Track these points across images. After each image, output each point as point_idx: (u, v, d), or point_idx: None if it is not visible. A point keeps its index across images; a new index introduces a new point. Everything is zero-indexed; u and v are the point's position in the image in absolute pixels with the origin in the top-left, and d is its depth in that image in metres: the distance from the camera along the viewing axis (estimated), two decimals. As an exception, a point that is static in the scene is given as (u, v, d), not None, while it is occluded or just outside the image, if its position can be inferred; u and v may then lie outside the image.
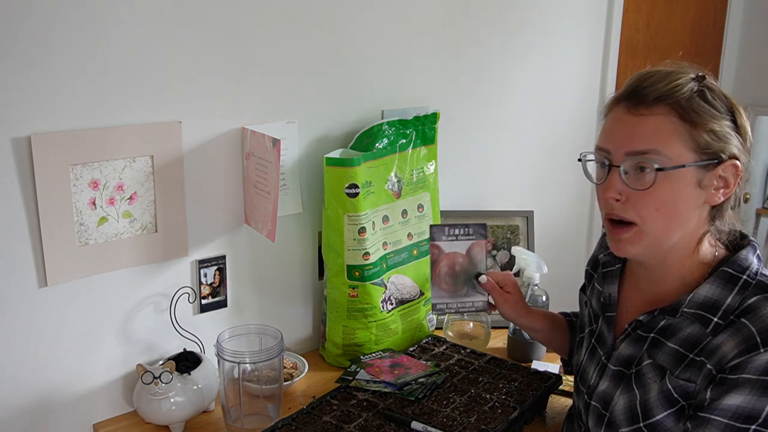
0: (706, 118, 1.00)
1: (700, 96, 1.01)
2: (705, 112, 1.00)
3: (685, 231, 1.05)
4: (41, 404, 1.31)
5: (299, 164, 1.56)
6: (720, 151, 1.01)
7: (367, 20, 1.61)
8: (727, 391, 0.95)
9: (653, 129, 1.01)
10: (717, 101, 1.02)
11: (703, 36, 2.75)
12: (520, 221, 1.90)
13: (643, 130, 1.01)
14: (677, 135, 1.00)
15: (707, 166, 1.01)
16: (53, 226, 1.24)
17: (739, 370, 0.95)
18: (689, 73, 1.04)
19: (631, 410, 1.07)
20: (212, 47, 1.37)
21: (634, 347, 1.10)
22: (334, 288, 1.56)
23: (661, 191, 1.01)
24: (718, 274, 1.04)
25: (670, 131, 1.00)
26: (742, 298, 1.00)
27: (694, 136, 1.00)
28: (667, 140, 1.00)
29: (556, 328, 1.40)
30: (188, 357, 1.41)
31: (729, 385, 0.95)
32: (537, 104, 2.08)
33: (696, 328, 1.03)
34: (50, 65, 1.19)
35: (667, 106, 1.01)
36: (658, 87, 1.02)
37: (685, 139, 1.00)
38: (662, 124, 1.00)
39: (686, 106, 1.00)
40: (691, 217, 1.04)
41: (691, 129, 1.00)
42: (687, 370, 1.01)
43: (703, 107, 1.00)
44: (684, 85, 1.02)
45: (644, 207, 1.03)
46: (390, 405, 1.32)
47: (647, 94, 1.02)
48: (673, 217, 1.03)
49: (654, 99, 1.01)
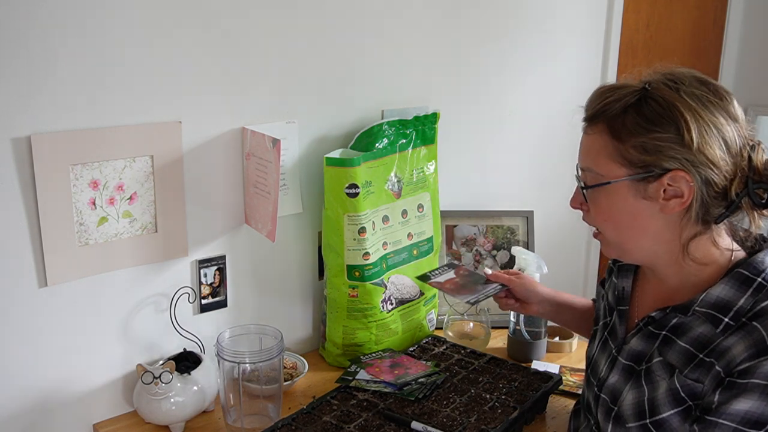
0: (634, 134, 1.01)
1: (634, 110, 1.02)
2: (634, 128, 1.01)
3: (654, 236, 1.06)
4: (41, 404, 1.31)
5: (299, 164, 1.56)
6: (652, 165, 1.01)
7: (367, 20, 1.61)
8: (736, 396, 0.95)
9: (588, 147, 1.09)
10: (655, 113, 1.00)
11: (703, 36, 2.75)
12: (520, 221, 1.90)
13: (584, 148, 1.10)
14: (605, 152, 1.05)
15: (646, 179, 1.02)
16: (53, 226, 1.24)
17: (749, 374, 0.94)
18: (633, 86, 1.04)
19: (639, 406, 1.07)
20: (212, 47, 1.37)
21: (646, 343, 1.11)
22: (334, 288, 1.56)
23: (600, 205, 1.09)
24: (733, 275, 1.03)
25: (600, 148, 1.06)
26: (755, 300, 1.00)
27: (622, 152, 1.03)
28: (597, 158, 1.06)
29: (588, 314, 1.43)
30: (188, 357, 1.41)
31: (738, 389, 0.95)
32: (537, 104, 2.08)
33: (707, 327, 1.02)
34: (50, 65, 1.19)
35: (602, 123, 1.05)
36: (593, 105, 1.07)
37: (613, 155, 1.04)
38: (595, 142, 1.06)
39: (617, 122, 1.03)
40: (650, 225, 1.06)
41: (619, 145, 1.03)
42: (696, 369, 1.01)
43: (634, 122, 1.01)
44: (618, 101, 1.03)
45: (596, 218, 1.11)
46: (390, 405, 1.32)
47: (587, 114, 1.09)
48: (623, 227, 1.08)
49: (590, 117, 1.08)
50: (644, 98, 1.02)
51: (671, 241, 1.06)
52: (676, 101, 1.00)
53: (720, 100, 1.01)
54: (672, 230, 1.06)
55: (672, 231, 1.06)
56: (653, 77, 1.04)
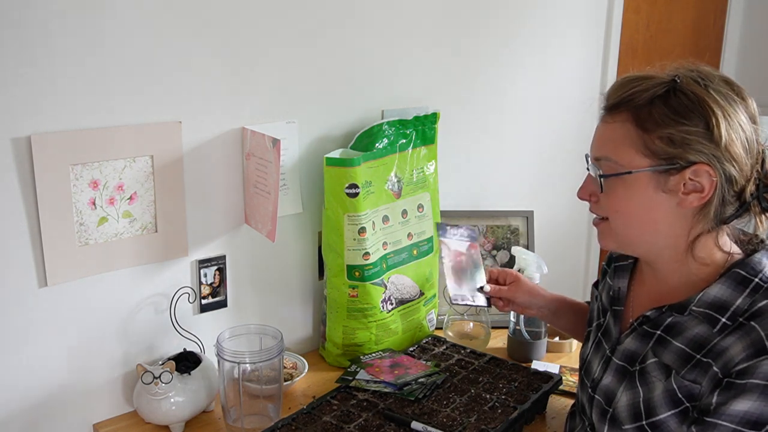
0: (662, 125, 1.00)
1: (662, 101, 1.01)
2: (662, 119, 1.00)
3: (664, 231, 1.06)
4: (41, 404, 1.31)
5: (299, 164, 1.56)
6: (677, 157, 1.00)
7: (367, 20, 1.61)
8: (735, 397, 0.95)
9: (607, 136, 1.07)
10: (684, 106, 1.00)
11: (703, 36, 2.75)
12: (520, 221, 1.90)
13: (603, 136, 1.08)
14: (628, 141, 1.03)
15: (668, 171, 1.01)
16: (53, 226, 1.24)
17: (747, 374, 0.94)
18: (661, 77, 1.04)
19: (634, 408, 1.07)
20: (212, 47, 1.37)
21: (640, 343, 1.10)
22: (334, 288, 1.56)
23: (616, 195, 1.07)
24: (730, 275, 1.03)
25: (622, 137, 1.04)
26: (752, 300, 1.00)
27: (647, 143, 1.02)
28: (618, 147, 1.05)
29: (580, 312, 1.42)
30: (188, 357, 1.41)
31: (736, 390, 0.95)
32: (537, 104, 2.08)
33: (704, 327, 1.02)
34: (50, 65, 1.19)
35: (626, 112, 1.04)
36: (618, 93, 1.06)
37: (637, 145, 1.03)
38: (617, 131, 1.05)
39: (643, 112, 1.02)
40: (663, 219, 1.05)
41: (644, 135, 1.02)
42: (693, 370, 1.01)
43: (662, 113, 1.01)
44: (645, 91, 1.02)
45: (606, 208, 1.09)
46: (390, 405, 1.32)
47: (609, 102, 1.07)
48: (633, 219, 1.07)
49: (613, 105, 1.06)
50: (673, 90, 1.01)
51: (679, 237, 1.06)
52: (705, 96, 1.00)
53: (743, 101, 1.04)
54: (682, 226, 1.05)
55: (682, 227, 1.05)
56: (680, 72, 1.04)
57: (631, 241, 1.10)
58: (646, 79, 1.04)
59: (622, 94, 1.04)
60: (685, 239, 1.06)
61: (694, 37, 2.70)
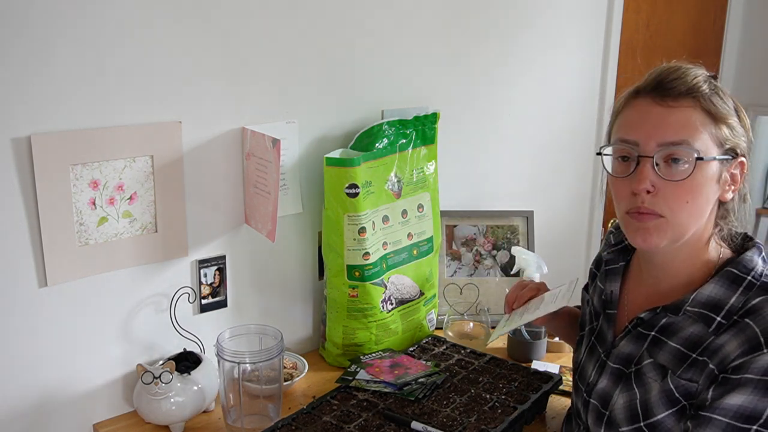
0: (725, 113, 1.02)
1: (716, 92, 1.04)
2: (724, 108, 1.03)
3: (700, 226, 1.06)
4: (41, 404, 1.31)
5: (299, 164, 1.56)
6: (736, 147, 1.03)
7: (368, 20, 1.61)
8: (729, 391, 0.95)
9: (684, 120, 1.01)
10: (727, 99, 1.04)
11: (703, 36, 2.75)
12: (520, 221, 1.90)
13: (675, 121, 1.01)
14: (704, 128, 1.02)
15: (724, 161, 1.03)
16: (53, 226, 1.24)
17: (742, 370, 0.95)
18: (702, 70, 1.06)
19: (631, 409, 1.07)
20: (212, 47, 1.37)
21: (634, 345, 1.10)
22: (334, 288, 1.56)
23: (695, 183, 1.01)
24: (723, 274, 1.04)
25: (699, 123, 1.02)
26: (746, 298, 1.01)
27: (716, 131, 1.02)
28: (697, 132, 1.01)
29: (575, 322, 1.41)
30: (188, 357, 1.41)
31: (731, 384, 0.95)
32: (537, 104, 2.08)
33: (698, 327, 1.03)
34: (50, 65, 1.19)
35: (693, 99, 1.02)
36: (684, 80, 1.03)
37: (711, 132, 1.02)
38: (691, 116, 1.01)
39: (708, 101, 1.02)
40: (707, 212, 1.05)
41: (714, 123, 1.02)
42: (689, 369, 1.01)
43: (720, 104, 1.03)
44: (704, 82, 1.04)
45: (676, 198, 1.02)
46: (390, 405, 1.32)
47: (674, 87, 1.02)
48: (698, 210, 1.04)
49: (681, 92, 1.02)
50: (715, 84, 1.04)
51: (705, 232, 1.07)
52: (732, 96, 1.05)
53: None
54: (710, 221, 1.07)
55: (710, 222, 1.07)
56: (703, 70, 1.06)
57: (681, 236, 1.04)
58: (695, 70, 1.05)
59: (690, 81, 1.03)
60: (707, 235, 1.08)
61: (694, 37, 2.70)
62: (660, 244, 1.05)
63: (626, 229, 1.08)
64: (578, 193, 2.30)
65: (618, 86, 2.28)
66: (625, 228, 1.08)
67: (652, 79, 1.05)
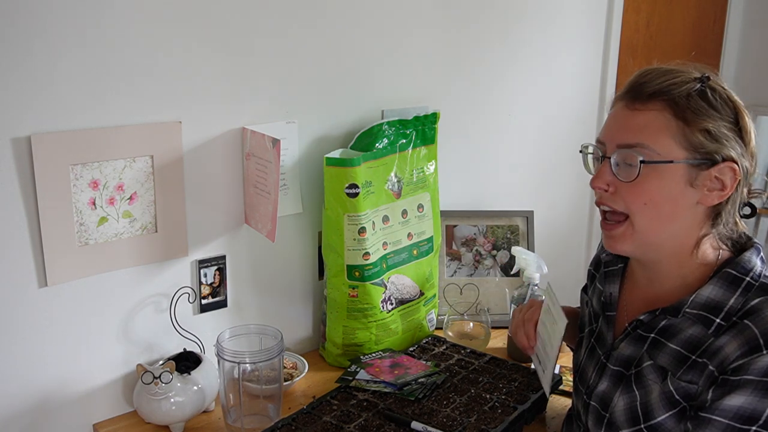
0: (702, 118, 1.00)
1: (699, 95, 1.01)
2: (701, 112, 1.00)
3: (678, 230, 1.05)
4: (41, 404, 1.31)
5: (299, 164, 1.56)
6: (714, 152, 1.01)
7: (367, 20, 1.61)
8: (729, 392, 0.95)
9: (644, 123, 1.03)
10: (719, 102, 1.02)
11: (703, 36, 2.75)
12: (520, 221, 1.90)
13: (635, 123, 1.04)
14: (668, 131, 1.01)
15: (700, 166, 1.01)
16: (53, 226, 1.24)
17: (742, 371, 0.95)
18: (692, 73, 1.04)
19: (632, 411, 1.07)
20: (212, 47, 1.37)
21: (634, 347, 1.10)
22: (334, 288, 1.56)
23: (649, 185, 1.03)
24: (721, 276, 1.03)
25: (661, 126, 1.02)
26: (745, 299, 1.00)
27: (686, 134, 1.01)
28: (656, 135, 1.02)
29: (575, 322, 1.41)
30: (188, 357, 1.41)
31: (731, 386, 0.95)
32: (537, 104, 2.08)
33: (698, 329, 1.02)
34: (50, 65, 1.19)
35: (662, 102, 1.02)
36: (654, 83, 1.03)
37: (675, 135, 1.01)
38: (654, 119, 1.02)
39: (681, 104, 1.01)
40: (682, 216, 1.04)
41: (684, 127, 1.01)
42: (689, 371, 1.01)
43: (701, 107, 1.01)
44: (682, 84, 1.02)
45: (632, 200, 1.05)
46: (390, 405, 1.32)
47: (643, 90, 1.04)
48: (662, 213, 1.04)
49: (649, 94, 1.03)
50: (706, 86, 1.02)
51: (688, 236, 1.06)
52: (733, 96, 1.03)
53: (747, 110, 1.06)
54: (693, 225, 1.06)
55: (693, 226, 1.06)
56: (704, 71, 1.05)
57: (650, 240, 1.06)
58: (678, 72, 1.04)
59: (660, 84, 1.02)
60: (693, 239, 1.06)
61: (694, 37, 2.70)
62: (627, 250, 1.09)
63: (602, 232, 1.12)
64: (578, 193, 2.30)
65: (618, 86, 2.28)
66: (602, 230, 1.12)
67: (629, 82, 1.07)
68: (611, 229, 1.08)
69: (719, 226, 1.06)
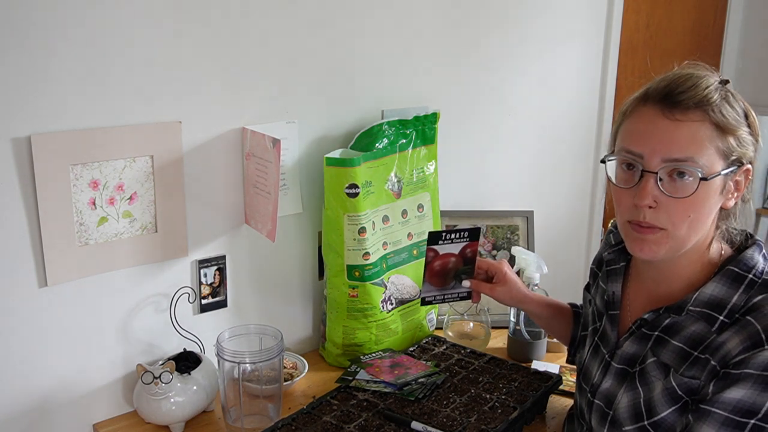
0: (734, 125, 1.00)
1: (726, 101, 1.01)
2: (733, 119, 1.00)
3: (703, 234, 1.06)
4: (41, 404, 1.31)
5: (299, 164, 1.56)
6: (742, 157, 1.01)
7: (367, 20, 1.61)
8: (729, 385, 0.96)
9: (691, 136, 0.99)
10: (738, 106, 1.02)
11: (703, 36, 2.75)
12: (520, 221, 1.90)
13: (681, 136, 0.99)
14: (711, 143, 0.99)
15: (732, 173, 1.02)
16: (53, 226, 1.24)
17: (743, 365, 0.95)
18: (713, 76, 1.03)
19: (635, 408, 1.07)
20: (212, 47, 1.37)
21: (639, 345, 1.10)
22: (334, 288, 1.56)
23: (698, 198, 1.00)
24: (724, 273, 1.04)
25: (706, 139, 0.99)
26: (747, 296, 1.01)
27: (723, 144, 1.00)
28: (702, 148, 0.99)
29: (559, 317, 1.41)
30: (188, 357, 1.41)
31: (731, 379, 0.96)
32: (537, 104, 2.08)
33: (701, 326, 1.03)
34: (50, 65, 1.19)
35: (702, 112, 0.99)
36: (694, 93, 0.99)
37: (717, 146, 0.99)
38: (698, 131, 0.99)
39: (718, 113, 0.99)
40: (709, 223, 1.05)
41: (722, 136, 1.00)
42: (692, 367, 1.02)
43: (731, 114, 1.00)
44: (715, 91, 1.01)
45: (678, 214, 1.01)
46: (390, 405, 1.32)
47: (683, 100, 0.99)
48: (701, 223, 1.03)
49: (690, 106, 0.99)
50: (728, 92, 1.02)
51: (706, 238, 1.07)
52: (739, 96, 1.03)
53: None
54: (711, 227, 1.06)
55: (711, 228, 1.06)
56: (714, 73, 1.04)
57: (683, 246, 1.04)
58: (703, 77, 1.02)
59: (699, 94, 0.99)
60: (709, 239, 1.07)
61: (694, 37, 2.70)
62: (658, 255, 1.05)
63: (626, 237, 1.08)
64: (578, 193, 2.30)
65: (618, 86, 2.28)
66: (625, 236, 1.08)
67: (662, 88, 1.01)
68: (645, 233, 1.03)
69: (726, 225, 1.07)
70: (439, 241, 1.37)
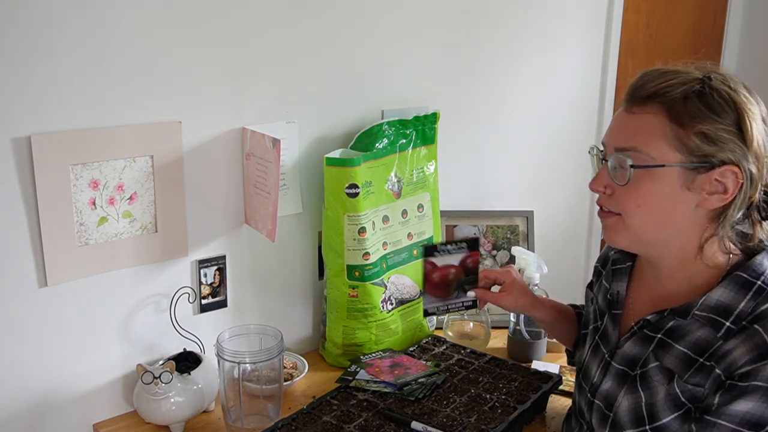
0: (697, 120, 0.98)
1: (697, 97, 0.99)
2: (698, 114, 0.99)
3: (678, 231, 1.04)
4: (41, 404, 1.31)
5: (299, 164, 1.56)
6: (711, 155, 0.99)
7: (368, 20, 1.61)
8: (737, 398, 0.95)
9: (638, 127, 1.03)
10: (718, 104, 0.99)
11: (703, 36, 2.75)
12: (520, 221, 1.90)
13: (630, 127, 1.04)
14: (662, 134, 1.00)
15: (696, 169, 1.00)
16: (53, 226, 1.24)
17: (750, 377, 0.94)
18: (693, 74, 1.02)
19: (636, 412, 1.07)
20: (212, 47, 1.37)
21: (640, 347, 1.10)
22: (334, 288, 1.56)
23: (641, 188, 1.03)
24: (732, 279, 1.02)
25: (655, 130, 1.01)
26: (755, 303, 0.99)
27: (681, 138, 0.99)
28: (650, 139, 1.01)
29: (563, 320, 1.40)
30: (188, 357, 1.41)
31: (738, 391, 0.95)
32: (537, 104, 2.08)
33: (707, 331, 1.01)
34: (50, 65, 1.19)
35: (658, 104, 1.01)
36: (650, 85, 1.02)
37: (670, 139, 1.00)
38: (649, 122, 1.01)
39: (677, 107, 0.99)
40: (680, 219, 1.03)
41: (679, 130, 0.99)
42: (696, 374, 1.01)
43: (697, 109, 0.99)
44: (680, 85, 1.00)
45: (626, 202, 1.05)
46: (390, 405, 1.32)
47: (640, 93, 1.03)
48: (655, 215, 1.04)
49: (645, 97, 1.02)
50: (706, 87, 1.00)
51: (691, 239, 1.05)
52: (736, 96, 1.00)
53: (759, 105, 1.03)
54: (696, 227, 1.04)
55: (695, 228, 1.04)
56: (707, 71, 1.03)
57: (644, 238, 1.07)
58: (677, 73, 1.03)
59: (656, 86, 1.01)
60: (696, 241, 1.05)
61: (694, 37, 2.70)
62: (618, 242, 1.11)
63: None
64: (578, 193, 2.30)
65: (618, 86, 2.27)
66: None
67: (631, 84, 1.07)
68: (604, 217, 1.11)
69: (725, 229, 1.04)
70: (434, 252, 1.38)
